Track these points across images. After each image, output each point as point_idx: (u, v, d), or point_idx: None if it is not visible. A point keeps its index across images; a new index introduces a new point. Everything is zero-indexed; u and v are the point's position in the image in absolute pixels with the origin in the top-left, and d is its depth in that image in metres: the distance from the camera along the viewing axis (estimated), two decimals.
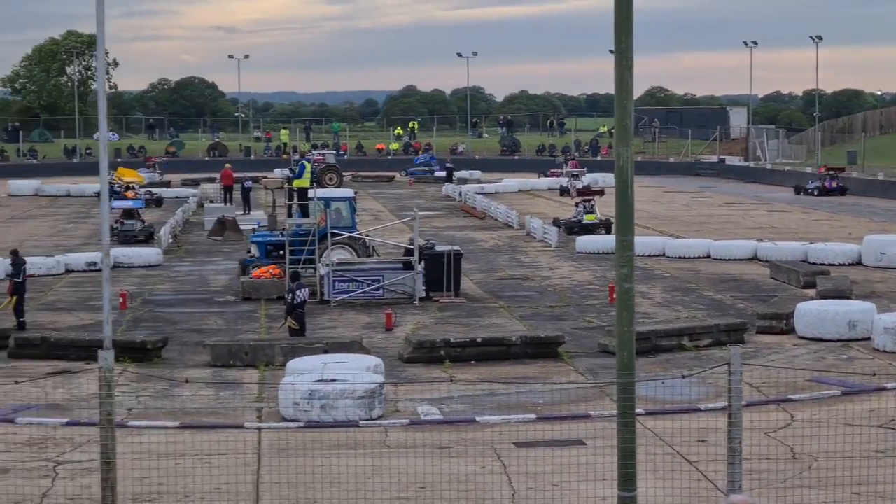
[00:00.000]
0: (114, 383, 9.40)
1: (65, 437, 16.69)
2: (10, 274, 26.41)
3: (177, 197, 58.45)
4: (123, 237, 40.80)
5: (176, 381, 18.64)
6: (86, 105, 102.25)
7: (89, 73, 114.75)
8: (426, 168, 75.59)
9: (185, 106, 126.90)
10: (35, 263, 32.10)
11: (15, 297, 25.65)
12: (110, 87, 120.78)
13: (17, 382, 17.94)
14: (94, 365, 20.97)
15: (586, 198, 43.45)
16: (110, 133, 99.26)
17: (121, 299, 28.10)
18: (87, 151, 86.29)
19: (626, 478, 10.87)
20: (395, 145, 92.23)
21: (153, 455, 14.99)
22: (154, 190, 57.67)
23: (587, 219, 42.62)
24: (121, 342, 21.01)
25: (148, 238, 41.16)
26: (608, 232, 39.80)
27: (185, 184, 66.52)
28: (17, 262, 26.21)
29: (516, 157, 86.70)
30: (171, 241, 41.32)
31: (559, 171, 65.93)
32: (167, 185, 65.25)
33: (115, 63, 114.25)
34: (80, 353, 21.95)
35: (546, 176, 68.95)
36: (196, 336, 24.62)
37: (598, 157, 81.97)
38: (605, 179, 55.12)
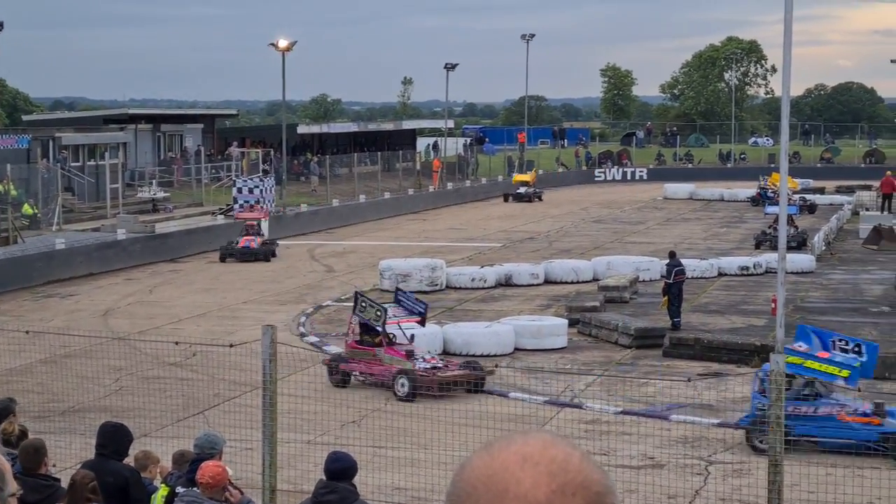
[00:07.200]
0: (783, 386, 9.46)
1: (716, 437, 17.06)
2: (665, 274, 27.33)
3: (830, 204, 57.54)
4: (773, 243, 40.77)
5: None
6: (741, 110, 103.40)
7: (746, 78, 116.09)
8: None
9: (840, 111, 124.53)
10: (689, 265, 32.94)
11: (667, 298, 26.47)
12: (766, 93, 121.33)
13: (689, 380, 18.49)
14: (744, 368, 21.35)
15: None
16: (764, 138, 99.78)
17: (772, 304, 28.12)
18: (742, 156, 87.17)
19: None
20: None
21: (810, 463, 14.89)
22: (808, 196, 57.19)
23: None
24: (770, 347, 21.04)
25: (800, 244, 40.85)
26: None
27: (838, 190, 65.36)
28: (673, 263, 27.06)
29: None
30: (823, 248, 40.77)
31: None
32: (821, 191, 64.50)
33: (773, 69, 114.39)
34: (732, 356, 22.39)
35: None
36: None
37: None
38: None
